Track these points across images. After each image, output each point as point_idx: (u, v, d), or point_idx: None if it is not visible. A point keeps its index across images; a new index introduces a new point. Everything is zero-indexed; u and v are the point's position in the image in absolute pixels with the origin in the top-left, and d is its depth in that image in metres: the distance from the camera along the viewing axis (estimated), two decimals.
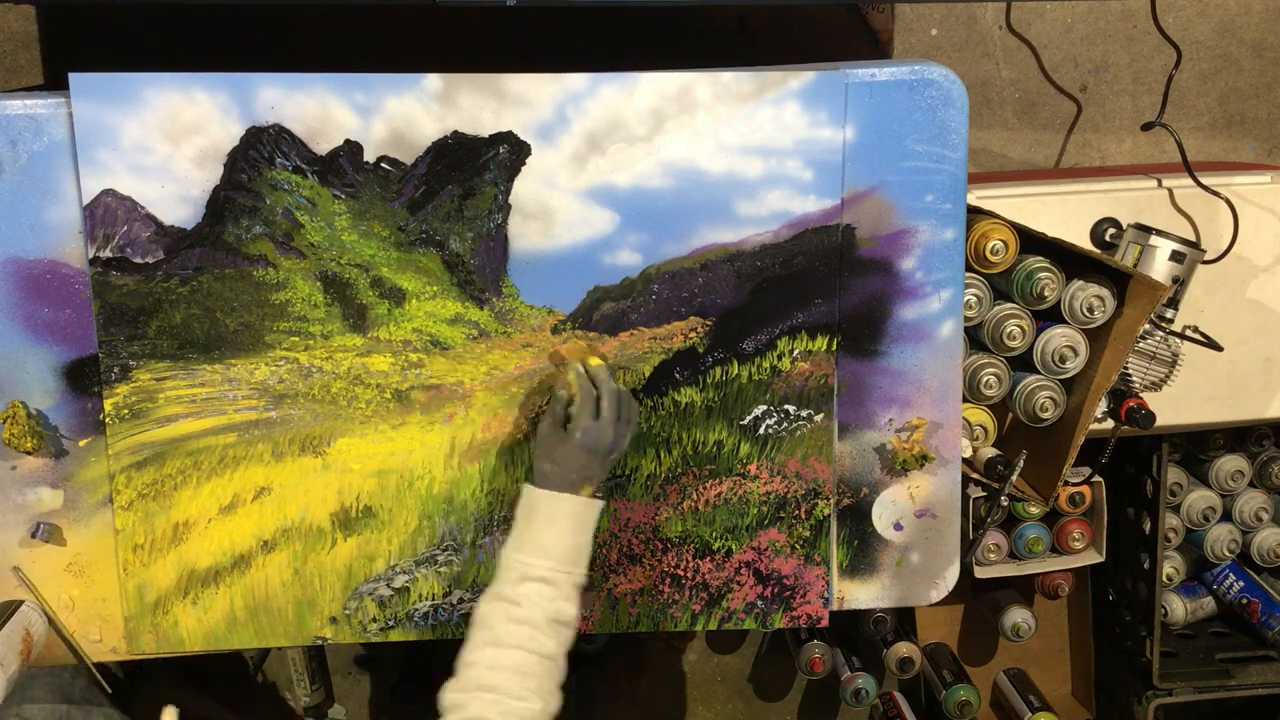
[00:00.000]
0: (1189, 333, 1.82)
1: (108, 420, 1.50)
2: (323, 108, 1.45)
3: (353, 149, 1.47)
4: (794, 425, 1.60)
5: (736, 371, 1.57)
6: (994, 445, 1.80)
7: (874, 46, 2.40)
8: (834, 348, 1.58)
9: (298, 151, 1.46)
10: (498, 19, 2.27)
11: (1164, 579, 2.18)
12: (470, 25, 2.30)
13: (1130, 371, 1.78)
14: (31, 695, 1.74)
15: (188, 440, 1.52)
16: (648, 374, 1.57)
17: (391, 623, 1.61)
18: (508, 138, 1.49)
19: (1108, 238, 1.86)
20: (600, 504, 1.41)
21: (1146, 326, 1.74)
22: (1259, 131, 2.52)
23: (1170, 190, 1.90)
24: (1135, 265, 1.78)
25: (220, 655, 1.62)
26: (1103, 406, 1.76)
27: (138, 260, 1.47)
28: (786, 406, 1.59)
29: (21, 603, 1.53)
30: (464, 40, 2.30)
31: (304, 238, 1.49)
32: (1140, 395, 1.78)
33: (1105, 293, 1.67)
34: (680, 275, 1.54)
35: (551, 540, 1.36)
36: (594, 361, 1.50)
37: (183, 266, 1.48)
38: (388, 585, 1.59)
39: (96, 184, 1.44)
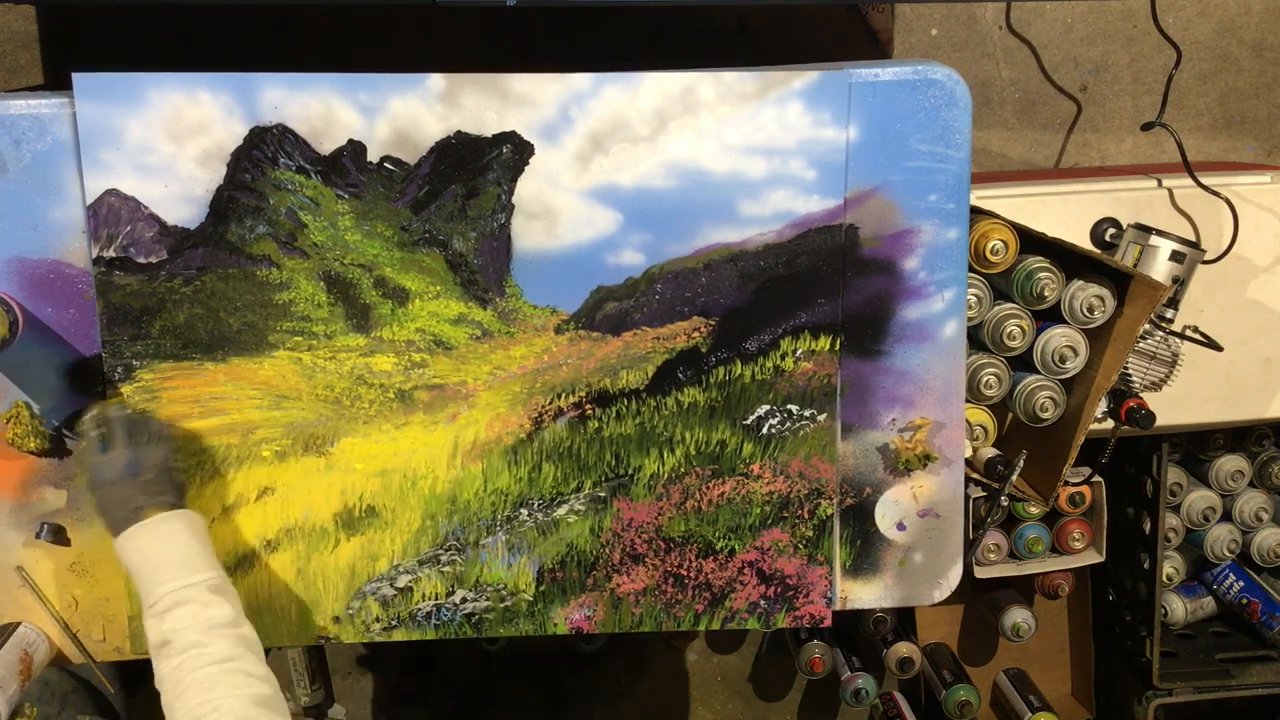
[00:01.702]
0: (1189, 333, 1.83)
1: None
2: (326, 108, 1.45)
3: (356, 149, 1.47)
4: (797, 425, 1.60)
5: (740, 371, 1.58)
6: (994, 445, 1.80)
7: (874, 46, 2.40)
8: (837, 347, 1.58)
9: (301, 151, 1.46)
10: (498, 19, 2.27)
11: (1164, 579, 2.19)
12: (470, 25, 2.30)
13: (1130, 371, 1.78)
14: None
15: (191, 440, 1.52)
16: (651, 374, 1.57)
17: (394, 622, 1.61)
18: (511, 137, 1.49)
19: (1108, 238, 1.86)
20: (170, 515, 1.36)
21: (1146, 326, 1.74)
22: (1259, 131, 2.52)
23: (1170, 190, 1.90)
24: (1135, 265, 1.79)
25: None
26: (1103, 406, 1.76)
27: (141, 260, 1.47)
28: (789, 406, 1.59)
29: (19, 624, 1.53)
30: (464, 40, 2.30)
31: (307, 237, 1.49)
32: (1140, 395, 1.79)
33: (1105, 293, 1.67)
34: (683, 275, 1.54)
35: (153, 570, 1.32)
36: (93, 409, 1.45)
37: (186, 266, 1.48)
38: (391, 585, 1.59)
39: (100, 184, 1.44)
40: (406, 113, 1.47)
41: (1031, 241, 1.72)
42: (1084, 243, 1.86)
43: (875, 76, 1.51)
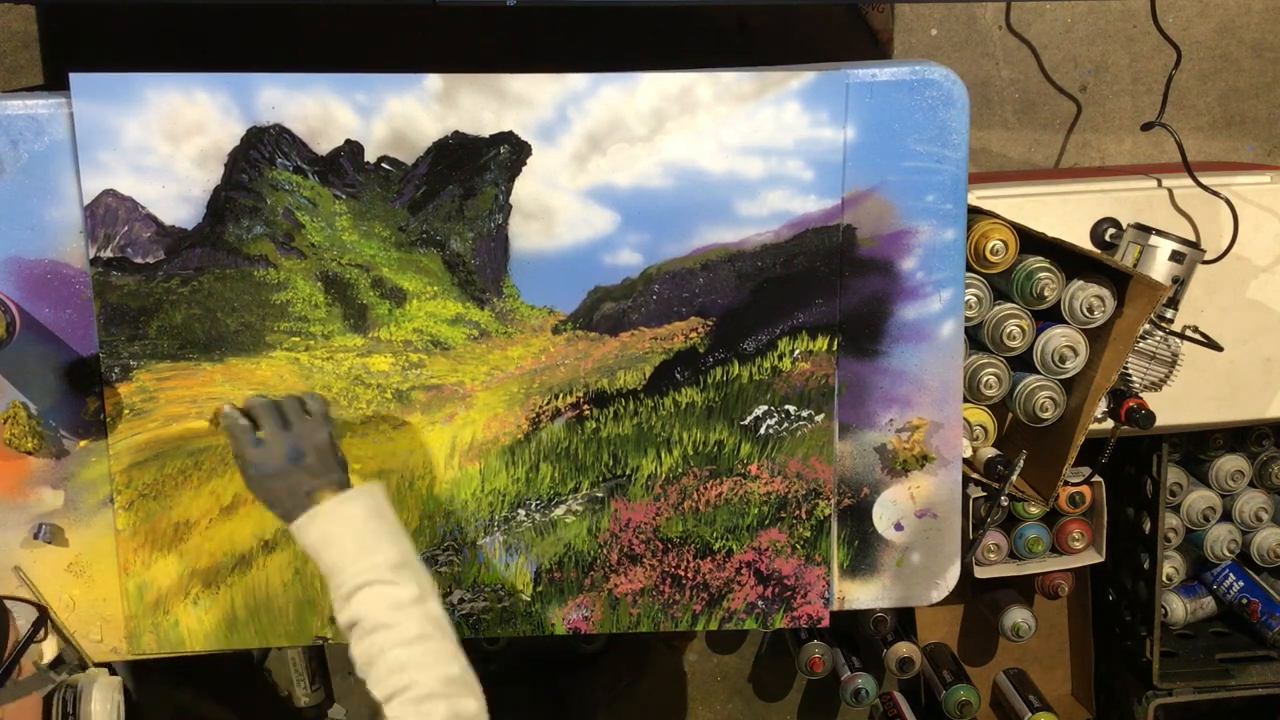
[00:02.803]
0: (1189, 333, 1.82)
1: (109, 420, 1.50)
2: (324, 108, 1.45)
3: (353, 149, 1.47)
4: (795, 425, 1.60)
5: (737, 371, 1.58)
6: (994, 445, 1.80)
7: (874, 46, 2.40)
8: (835, 348, 1.58)
9: (298, 151, 1.46)
10: (498, 19, 2.27)
11: (1164, 579, 2.18)
12: (470, 25, 2.30)
13: (1130, 371, 1.78)
14: None
15: (189, 440, 1.52)
16: (648, 374, 1.57)
17: None
18: (508, 138, 1.49)
19: (1108, 238, 1.86)
20: (345, 497, 1.32)
21: (1146, 326, 1.74)
22: (1259, 131, 2.52)
23: (1170, 190, 1.90)
24: (1135, 265, 1.78)
25: (220, 655, 1.62)
26: (1103, 406, 1.76)
27: (138, 260, 1.47)
28: (787, 406, 1.59)
29: None
30: (464, 40, 2.30)
31: (305, 238, 1.49)
32: (1140, 395, 1.78)
33: (1105, 293, 1.67)
34: (681, 275, 1.54)
35: (335, 555, 1.29)
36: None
37: (183, 267, 1.48)
38: None
39: (97, 184, 1.44)
40: (404, 113, 1.47)
41: (1031, 241, 1.72)
42: (1084, 243, 1.85)
43: (873, 77, 1.51)
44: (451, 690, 1.22)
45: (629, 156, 1.51)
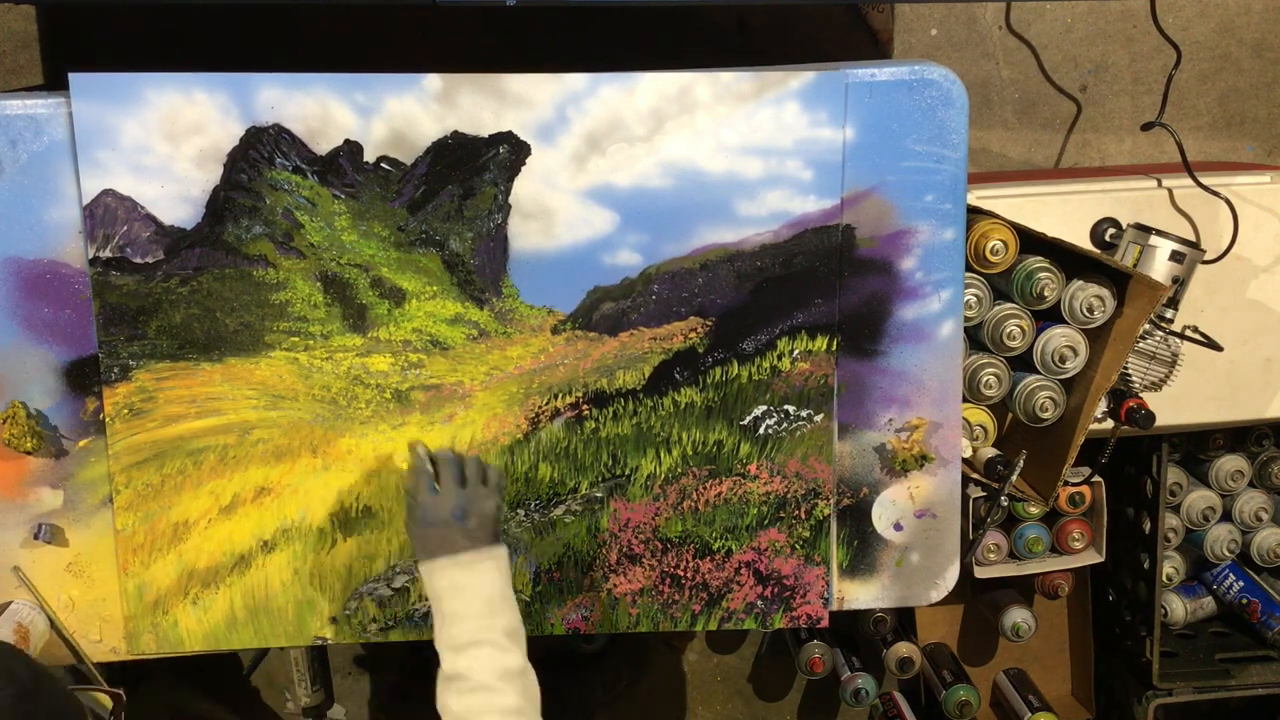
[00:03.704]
0: (1189, 333, 1.82)
1: (108, 420, 1.50)
2: (323, 108, 1.45)
3: (353, 149, 1.47)
4: (794, 425, 1.60)
5: (736, 371, 1.57)
6: (994, 445, 1.80)
7: (874, 46, 2.40)
8: (834, 348, 1.58)
9: (298, 151, 1.46)
10: (498, 19, 2.27)
11: (1164, 579, 2.18)
12: (470, 25, 2.30)
13: (1130, 371, 1.78)
14: None
15: (188, 440, 1.52)
16: (648, 374, 1.57)
17: (391, 623, 1.61)
18: (508, 138, 1.49)
19: (1108, 238, 1.86)
20: (486, 552, 1.36)
21: (1146, 326, 1.74)
22: (1259, 131, 2.52)
23: (1170, 190, 1.90)
24: (1135, 265, 1.78)
25: (220, 655, 1.62)
26: (1103, 406, 1.76)
27: (138, 260, 1.47)
28: (786, 406, 1.59)
29: (11, 602, 1.53)
30: (464, 40, 2.30)
31: (304, 238, 1.49)
32: (1140, 395, 1.78)
33: (1105, 293, 1.67)
34: (680, 275, 1.54)
35: (458, 606, 1.33)
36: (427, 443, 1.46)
37: (183, 266, 1.48)
38: (388, 585, 1.59)
39: (96, 184, 1.44)
40: (403, 113, 1.47)
41: (1031, 241, 1.71)
42: (1084, 243, 1.85)
43: (872, 77, 1.51)
44: None
45: (628, 156, 1.51)
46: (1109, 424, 1.79)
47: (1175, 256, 1.78)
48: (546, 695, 1.34)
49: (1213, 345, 1.82)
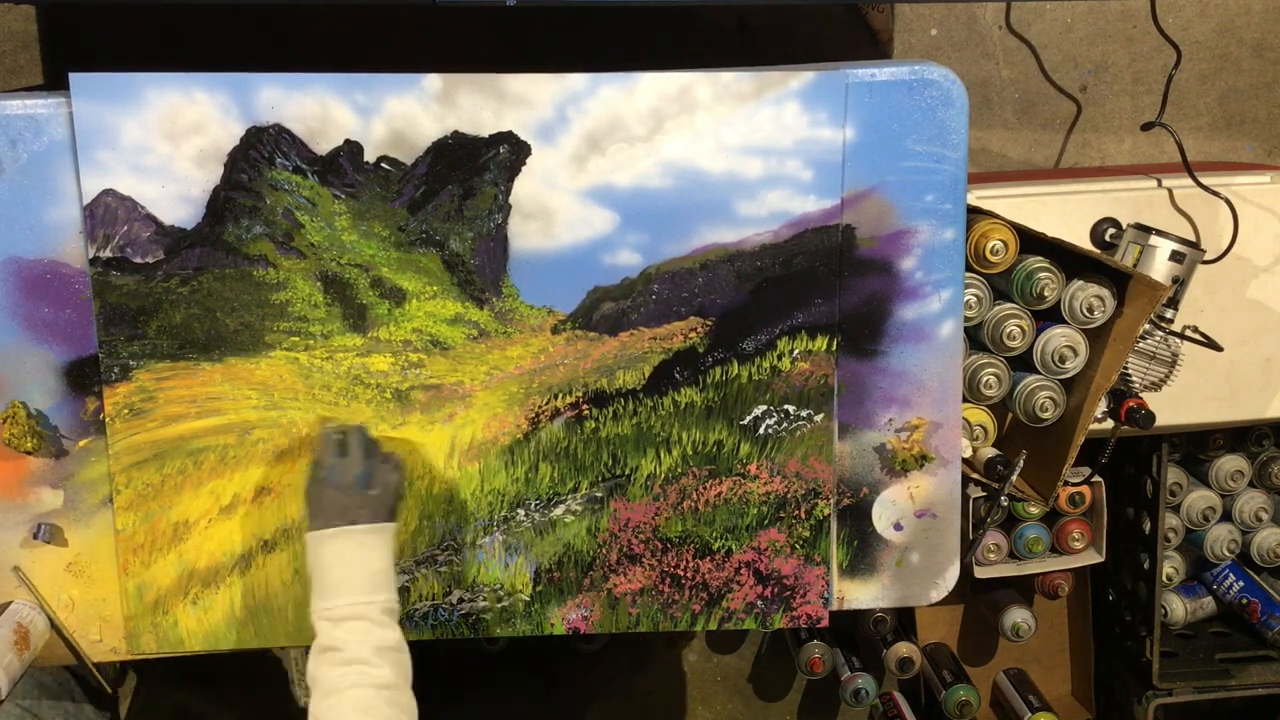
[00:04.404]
0: (1189, 333, 1.82)
1: (108, 420, 1.50)
2: (323, 108, 1.45)
3: (353, 149, 1.47)
4: (794, 425, 1.60)
5: (736, 371, 1.58)
6: (994, 445, 1.80)
7: (874, 46, 2.40)
8: (834, 348, 1.58)
9: (298, 151, 1.46)
10: (498, 19, 2.27)
11: (1164, 579, 2.18)
12: (470, 25, 2.30)
13: (1130, 371, 1.78)
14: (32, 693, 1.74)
15: (188, 440, 1.52)
16: (648, 374, 1.57)
17: None
18: (508, 138, 1.49)
19: (1108, 238, 1.86)
20: (379, 526, 1.38)
21: (1146, 326, 1.74)
22: (1259, 131, 2.52)
23: (1170, 190, 1.90)
24: (1135, 265, 1.78)
25: (220, 655, 1.62)
26: (1103, 406, 1.76)
27: (138, 260, 1.47)
28: (786, 406, 1.59)
29: (11, 602, 1.53)
30: (464, 40, 2.30)
31: (304, 238, 1.49)
32: (1140, 395, 1.78)
33: (1105, 293, 1.67)
34: (680, 275, 1.54)
35: (342, 578, 1.34)
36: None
37: (183, 266, 1.48)
38: None
39: (97, 184, 1.44)
40: (403, 113, 1.47)
41: (1031, 241, 1.71)
42: (1084, 243, 1.85)
43: (872, 77, 1.51)
44: None
45: (628, 156, 1.51)
46: (1109, 424, 1.79)
47: (1175, 256, 1.78)
48: (542, 684, 1.34)
49: (1213, 345, 1.82)
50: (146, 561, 1.55)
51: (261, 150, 1.46)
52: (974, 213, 1.67)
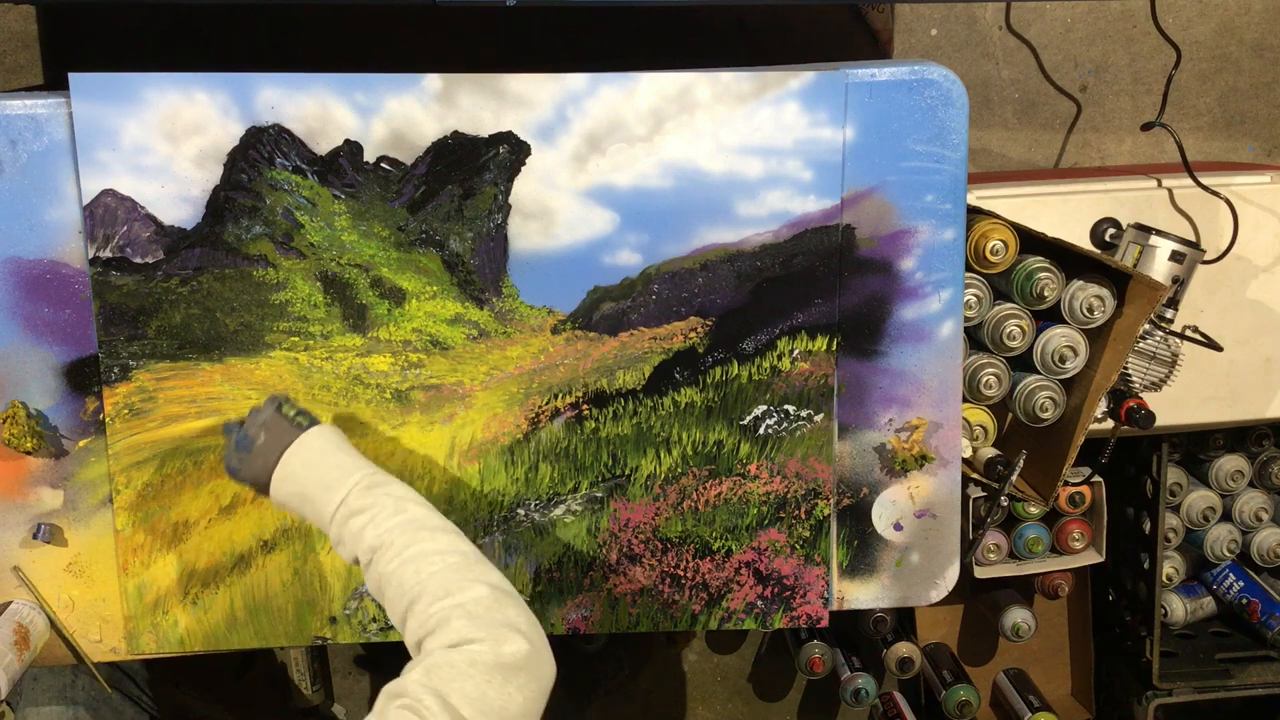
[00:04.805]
0: (1189, 333, 1.82)
1: (108, 420, 1.50)
2: (323, 108, 1.45)
3: (353, 149, 1.47)
4: (794, 425, 1.60)
5: (736, 371, 1.58)
6: (994, 445, 1.80)
7: (874, 46, 2.40)
8: (834, 348, 1.58)
9: (298, 151, 1.46)
10: (498, 19, 2.27)
11: (1164, 579, 2.18)
12: (470, 25, 2.30)
13: (1130, 371, 1.78)
14: (35, 699, 1.74)
15: (188, 440, 1.52)
16: (648, 374, 1.57)
17: (391, 623, 1.60)
18: (508, 138, 1.49)
19: (1108, 238, 1.86)
20: (316, 431, 1.34)
21: (1146, 326, 1.74)
22: (1259, 131, 2.52)
23: (1170, 190, 1.90)
24: (1135, 265, 1.78)
25: (221, 655, 1.62)
26: (1103, 406, 1.76)
27: (138, 260, 1.47)
28: (786, 406, 1.59)
29: (11, 602, 1.53)
30: (464, 40, 2.30)
31: (304, 238, 1.49)
32: (1140, 395, 1.78)
33: (1105, 293, 1.67)
34: (680, 275, 1.54)
35: (322, 476, 1.31)
36: None
37: (183, 266, 1.48)
38: None
39: (96, 184, 1.44)
40: (403, 113, 1.47)
41: (1031, 241, 1.72)
42: (1084, 243, 1.85)
43: (872, 77, 1.51)
44: (476, 564, 1.23)
45: (628, 156, 1.51)
46: (1109, 424, 1.79)
47: (1175, 256, 1.78)
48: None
49: (1213, 345, 1.82)
50: (146, 561, 1.55)
51: (261, 150, 1.46)
52: (974, 213, 1.67)
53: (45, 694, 1.89)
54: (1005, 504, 1.74)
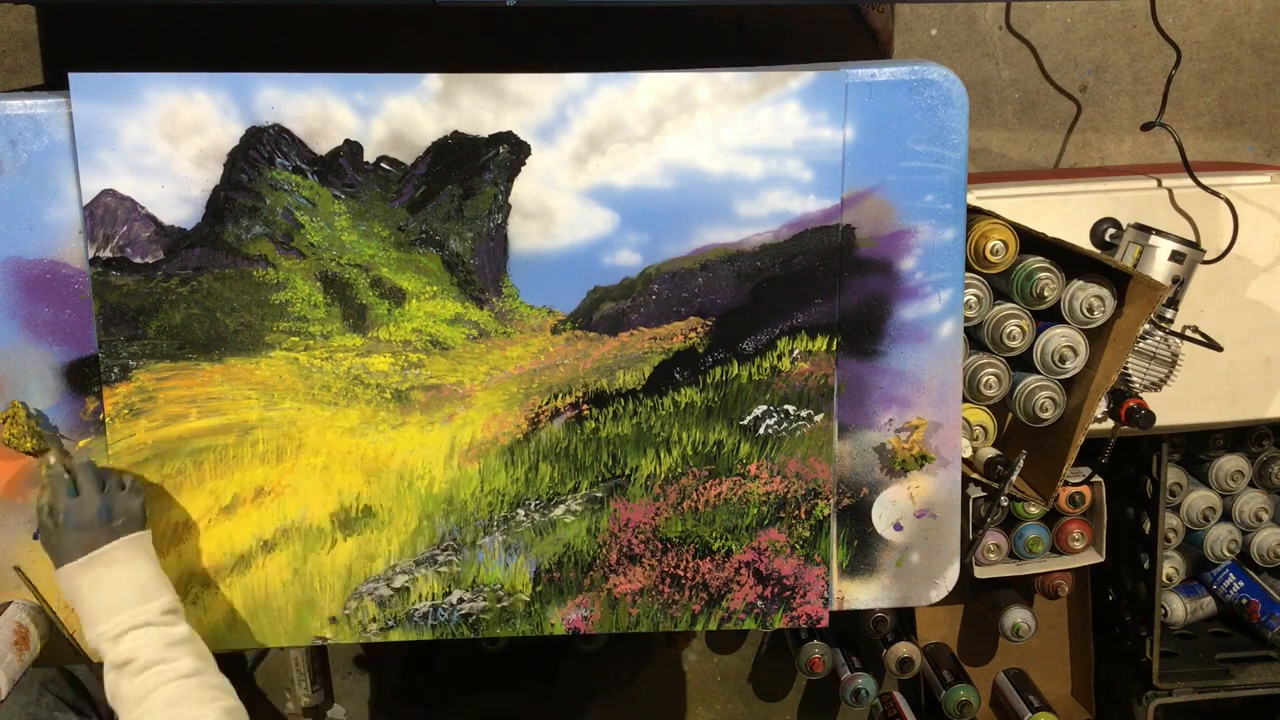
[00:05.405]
0: (1189, 333, 1.82)
1: (108, 420, 1.50)
2: (323, 108, 1.45)
3: (353, 149, 1.47)
4: (794, 425, 1.60)
5: (736, 371, 1.57)
6: (994, 445, 1.80)
7: (874, 46, 2.40)
8: (834, 348, 1.57)
9: (298, 151, 1.46)
10: (498, 19, 2.27)
11: (1164, 579, 2.18)
12: (470, 25, 2.30)
13: (1130, 371, 1.78)
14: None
15: (188, 440, 1.52)
16: (648, 374, 1.57)
17: (391, 623, 1.61)
18: (507, 138, 1.49)
19: (1108, 238, 1.86)
20: (130, 539, 1.39)
21: (1146, 326, 1.74)
22: (1259, 131, 2.52)
23: (1170, 190, 1.90)
24: (1135, 265, 1.79)
25: (220, 655, 1.62)
26: (1103, 406, 1.76)
27: (138, 260, 1.47)
28: (786, 406, 1.59)
29: (11, 602, 1.53)
30: (464, 40, 2.30)
31: (304, 238, 1.49)
32: (1140, 395, 1.78)
33: (1105, 293, 1.67)
34: (680, 275, 1.54)
35: (108, 601, 1.34)
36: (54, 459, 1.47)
37: (183, 266, 1.48)
38: (387, 585, 1.59)
39: (96, 184, 1.44)
40: (403, 113, 1.47)
41: (1031, 241, 1.72)
42: (1084, 243, 1.85)
43: (872, 77, 1.51)
44: None
45: (628, 156, 1.51)
46: (1109, 424, 1.79)
47: (1175, 256, 1.78)
48: (547, 689, 1.33)
49: (1213, 345, 1.82)
50: None
51: (261, 150, 1.46)
52: (974, 213, 1.67)
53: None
54: (1005, 504, 1.74)
